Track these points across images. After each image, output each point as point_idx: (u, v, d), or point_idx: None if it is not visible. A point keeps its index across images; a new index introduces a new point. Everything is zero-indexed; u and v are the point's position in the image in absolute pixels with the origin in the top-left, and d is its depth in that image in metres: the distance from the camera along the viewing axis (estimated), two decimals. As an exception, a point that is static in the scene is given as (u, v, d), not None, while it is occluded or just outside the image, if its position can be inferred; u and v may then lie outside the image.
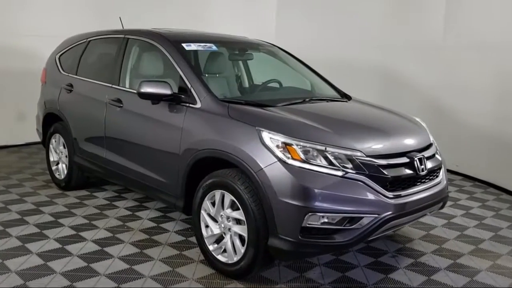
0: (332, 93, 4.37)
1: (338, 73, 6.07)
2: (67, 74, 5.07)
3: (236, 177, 3.13)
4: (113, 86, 4.32)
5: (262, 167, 2.95)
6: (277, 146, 2.96)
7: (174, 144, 3.57)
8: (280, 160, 2.92)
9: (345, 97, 4.28)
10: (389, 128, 3.48)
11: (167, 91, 3.57)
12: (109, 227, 4.16)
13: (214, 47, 4.20)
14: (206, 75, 4.07)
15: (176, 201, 3.65)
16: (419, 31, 6.82)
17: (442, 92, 6.56)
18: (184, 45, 3.96)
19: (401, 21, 7.10)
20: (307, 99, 3.86)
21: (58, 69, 5.24)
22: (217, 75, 4.34)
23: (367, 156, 3.00)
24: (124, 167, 4.14)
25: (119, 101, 4.16)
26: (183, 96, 3.61)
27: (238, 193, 3.08)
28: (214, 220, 3.35)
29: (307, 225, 2.84)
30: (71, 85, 4.89)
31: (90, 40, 4.95)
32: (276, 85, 4.42)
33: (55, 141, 5.22)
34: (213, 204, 3.32)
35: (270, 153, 2.96)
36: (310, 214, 2.82)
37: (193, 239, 3.85)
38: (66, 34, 5.52)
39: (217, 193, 3.27)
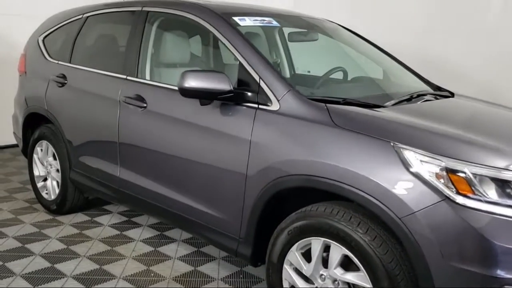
0: (421, 85, 3.28)
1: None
2: (56, 61, 3.81)
3: (353, 220, 2.01)
4: (130, 78, 3.11)
5: (414, 210, 1.84)
6: (437, 175, 1.85)
7: (236, 165, 2.42)
8: (445, 197, 1.82)
9: (438, 89, 3.19)
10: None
11: (225, 86, 2.41)
12: (129, 275, 2.98)
13: (274, 22, 3.04)
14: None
15: (239, 246, 2.51)
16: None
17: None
18: (236, 19, 2.79)
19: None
20: (414, 96, 2.75)
21: (43, 55, 3.97)
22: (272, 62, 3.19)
23: None
24: (151, 193, 2.95)
25: (140, 99, 2.96)
26: (249, 93, 2.45)
27: (360, 246, 1.97)
28: (307, 279, 2.23)
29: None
30: (63, 77, 3.65)
31: (89, 16, 3.70)
32: (337, 75, 3.30)
33: (41, 150, 3.97)
34: (305, 255, 2.21)
35: (424, 186, 1.85)
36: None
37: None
38: (43, 12, 4.32)
39: (315, 242, 2.14)
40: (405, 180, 1.88)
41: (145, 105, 2.92)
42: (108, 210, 4.07)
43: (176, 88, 2.75)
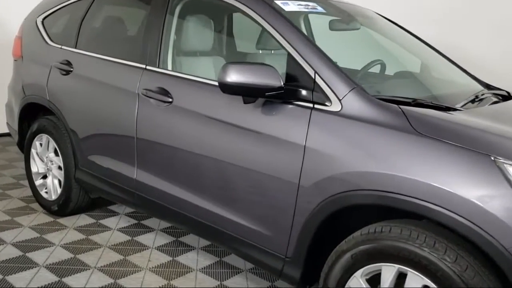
0: (470, 81, 2.97)
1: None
2: (59, 46, 3.40)
3: (438, 246, 1.69)
4: (150, 68, 2.73)
5: (526, 240, 1.54)
6: (554, 199, 1.54)
7: (285, 173, 2.08)
8: None
9: (488, 87, 2.88)
10: None
11: (275, 82, 2.06)
12: (149, 291, 2.64)
13: (319, 8, 2.68)
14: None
15: (285, 266, 2.18)
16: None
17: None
18: (279, 3, 2.43)
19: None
20: (480, 96, 2.43)
21: (43, 38, 3.55)
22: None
23: None
24: (175, 198, 2.60)
25: (163, 92, 2.59)
26: (302, 90, 2.10)
27: (449, 278, 1.66)
28: (374, 312, 1.91)
29: None
30: (68, 63, 3.24)
31: (98, -5, 3.29)
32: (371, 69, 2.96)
33: (41, 144, 3.57)
34: (370, 281, 1.89)
35: None
36: None
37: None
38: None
39: (387, 269, 1.82)
40: (509, 200, 1.56)
41: (170, 99, 2.55)
42: (114, 211, 3.71)
43: (209, 81, 2.41)
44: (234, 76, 2.07)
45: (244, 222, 2.30)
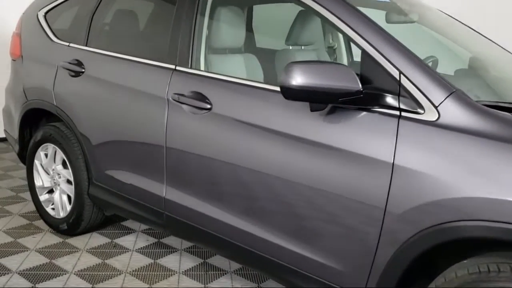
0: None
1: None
2: (66, 44, 2.98)
3: None
4: (180, 68, 2.33)
5: None
6: None
7: (366, 197, 1.71)
8: None
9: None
10: None
11: (352, 84, 1.69)
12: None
13: (383, -2, 2.31)
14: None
15: (362, 308, 1.81)
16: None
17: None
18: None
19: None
20: None
21: (47, 35, 3.12)
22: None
23: None
24: (215, 222, 2.22)
25: (200, 98, 2.20)
26: (386, 95, 1.73)
27: None
28: None
29: None
30: (78, 63, 2.83)
31: (111, -15, 2.88)
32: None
33: (46, 155, 3.15)
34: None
35: None
36: None
37: None
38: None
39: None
40: None
41: (208, 106, 2.16)
42: (129, 228, 3.31)
43: (259, 85, 2.02)
44: (300, 79, 1.69)
45: (307, 253, 1.92)
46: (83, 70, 2.79)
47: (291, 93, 1.73)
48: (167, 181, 2.40)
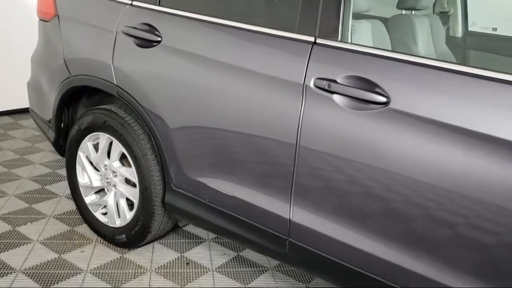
0: None
1: None
2: (129, 2, 2.24)
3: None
4: (325, 41, 1.65)
5: None
6: None
7: None
8: None
9: None
10: None
11: None
12: None
13: None
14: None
15: None
16: None
17: None
18: None
19: None
20: None
21: (97, -11, 2.37)
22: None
23: None
24: (371, 258, 1.59)
25: (367, 86, 1.53)
26: None
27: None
28: None
29: None
30: (150, 29, 2.10)
31: None
32: None
33: (95, 146, 2.45)
34: None
35: None
36: None
37: None
38: None
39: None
40: None
41: (384, 99, 1.49)
42: (195, 235, 2.66)
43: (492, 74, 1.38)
44: None
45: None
46: (159, 38, 2.06)
47: None
48: (294, 199, 1.75)
